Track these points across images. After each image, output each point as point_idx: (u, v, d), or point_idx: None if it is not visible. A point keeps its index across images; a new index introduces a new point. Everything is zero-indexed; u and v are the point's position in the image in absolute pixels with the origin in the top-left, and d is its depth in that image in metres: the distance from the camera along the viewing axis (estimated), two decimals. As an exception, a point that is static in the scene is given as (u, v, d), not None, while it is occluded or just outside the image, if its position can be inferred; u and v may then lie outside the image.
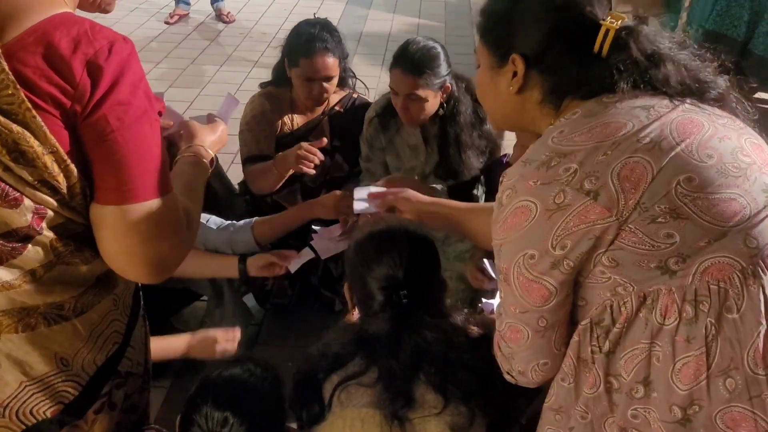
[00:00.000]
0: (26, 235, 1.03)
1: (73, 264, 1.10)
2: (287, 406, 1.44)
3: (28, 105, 0.95)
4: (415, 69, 2.08)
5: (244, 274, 2.05)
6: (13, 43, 0.97)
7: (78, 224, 1.08)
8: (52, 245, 1.06)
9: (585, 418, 1.09)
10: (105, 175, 1.03)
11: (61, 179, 1.01)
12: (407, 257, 1.39)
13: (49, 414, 1.15)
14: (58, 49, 0.97)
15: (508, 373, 1.17)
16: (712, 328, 0.95)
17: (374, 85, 4.24)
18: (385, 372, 1.30)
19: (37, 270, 1.07)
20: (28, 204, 1.01)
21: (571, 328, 1.09)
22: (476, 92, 1.26)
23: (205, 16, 5.98)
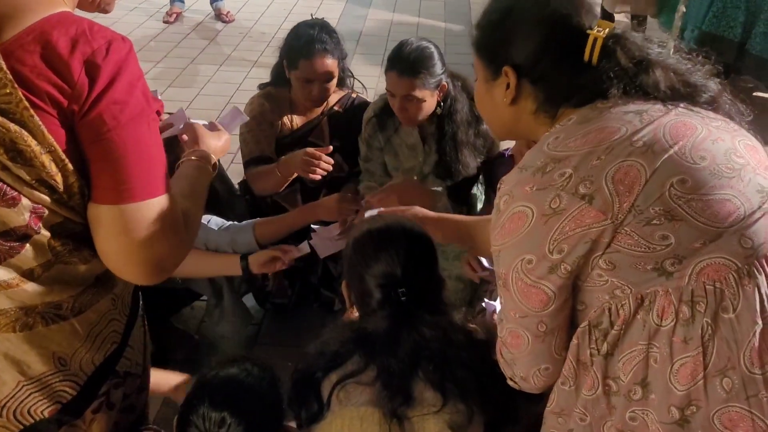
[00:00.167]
0: (24, 234, 1.03)
1: (72, 263, 1.10)
2: (286, 405, 1.44)
3: (25, 104, 0.95)
4: (410, 70, 2.08)
5: (246, 271, 2.05)
6: (12, 42, 0.97)
7: (76, 224, 1.07)
8: (50, 245, 1.06)
9: (584, 420, 1.10)
10: (102, 174, 1.03)
11: (58, 178, 1.01)
12: (405, 254, 1.39)
13: (47, 414, 1.15)
14: (57, 49, 0.97)
15: (511, 379, 1.18)
16: (709, 328, 0.95)
17: (374, 84, 4.24)
18: (384, 370, 1.30)
19: (35, 269, 1.07)
20: (25, 203, 1.01)
21: (571, 332, 1.10)
22: (475, 101, 1.27)
23: (204, 15, 5.97)
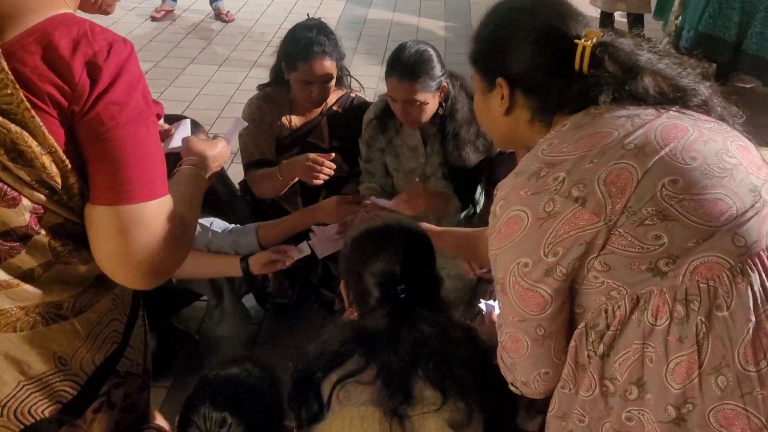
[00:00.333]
0: (24, 234, 1.03)
1: (72, 264, 1.10)
2: (286, 405, 1.44)
3: (27, 105, 0.95)
4: (410, 74, 2.07)
5: (246, 272, 2.05)
6: (13, 42, 0.97)
7: (76, 224, 1.07)
8: (50, 245, 1.06)
9: (582, 422, 1.10)
10: (100, 174, 1.03)
11: (58, 179, 1.01)
12: (404, 252, 1.40)
13: (48, 413, 1.15)
14: (58, 50, 0.97)
15: (512, 384, 1.19)
16: (703, 326, 0.95)
17: (374, 84, 4.24)
18: (384, 368, 1.30)
19: (35, 269, 1.07)
20: (26, 203, 1.01)
21: (569, 336, 1.11)
22: (475, 112, 1.30)
23: (204, 15, 5.97)
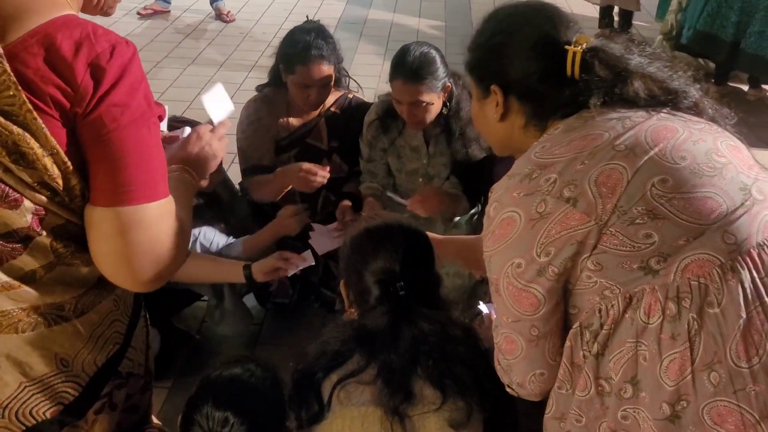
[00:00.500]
0: (26, 235, 1.03)
1: (74, 265, 1.10)
2: (287, 405, 1.44)
3: (29, 107, 0.95)
4: (416, 77, 2.08)
5: (249, 279, 2.05)
6: (16, 44, 0.97)
7: (77, 226, 1.07)
8: (52, 246, 1.06)
9: (580, 422, 1.11)
10: (100, 175, 1.02)
11: (60, 181, 1.01)
12: (403, 251, 1.41)
13: (49, 415, 1.15)
14: (60, 51, 0.97)
15: (509, 386, 1.21)
16: (695, 323, 0.96)
17: (374, 84, 4.24)
18: (385, 367, 1.30)
19: (37, 271, 1.07)
20: (28, 205, 1.01)
21: (565, 337, 1.11)
22: (473, 119, 1.34)
23: (204, 15, 5.97)
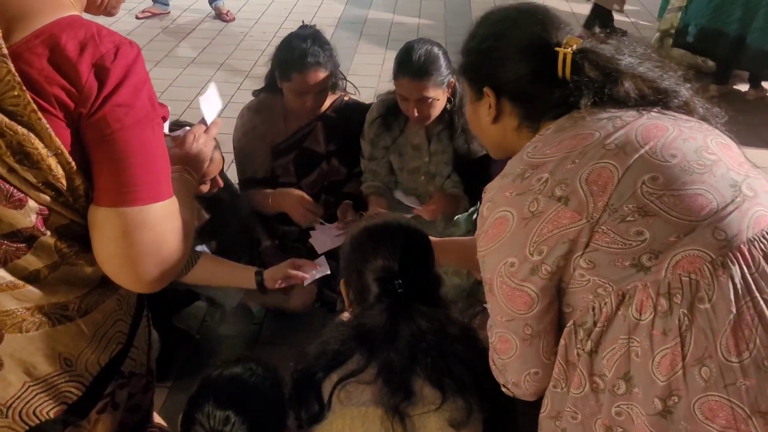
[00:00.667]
0: (31, 235, 1.03)
1: (78, 265, 1.10)
2: (287, 405, 1.45)
3: (33, 107, 0.95)
4: (422, 73, 2.10)
5: (261, 286, 2.03)
6: (20, 44, 0.97)
7: (81, 226, 1.07)
8: (56, 246, 1.06)
9: (575, 419, 1.12)
10: (104, 176, 1.03)
11: (64, 181, 1.01)
12: (402, 249, 1.42)
13: (53, 414, 1.15)
14: (65, 52, 0.98)
15: (504, 386, 1.22)
16: (686, 318, 0.97)
17: (374, 84, 4.25)
18: (385, 366, 1.31)
19: (41, 270, 1.07)
20: (32, 205, 1.01)
21: (559, 336, 1.12)
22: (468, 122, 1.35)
23: (204, 15, 5.96)
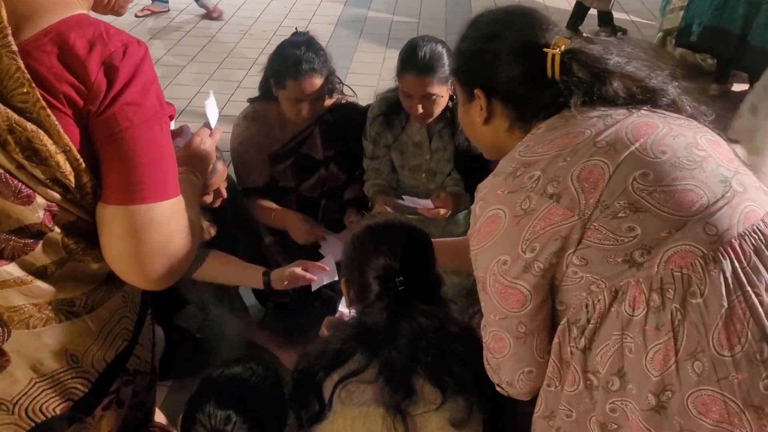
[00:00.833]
0: (38, 231, 1.04)
1: (85, 262, 1.10)
2: (287, 404, 1.45)
3: (42, 104, 0.96)
4: (428, 69, 2.10)
5: (268, 286, 2.03)
6: (29, 42, 0.97)
7: (89, 223, 1.08)
8: (63, 242, 1.06)
9: (570, 417, 1.12)
10: (113, 174, 1.03)
11: (72, 178, 1.02)
12: (403, 248, 1.43)
13: (59, 411, 1.16)
14: (74, 50, 0.98)
15: (499, 386, 1.22)
16: (678, 313, 0.98)
17: (374, 82, 4.26)
18: (386, 364, 1.31)
19: (48, 266, 1.07)
20: (40, 201, 1.01)
21: (552, 335, 1.13)
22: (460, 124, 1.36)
23: (204, 12, 5.96)
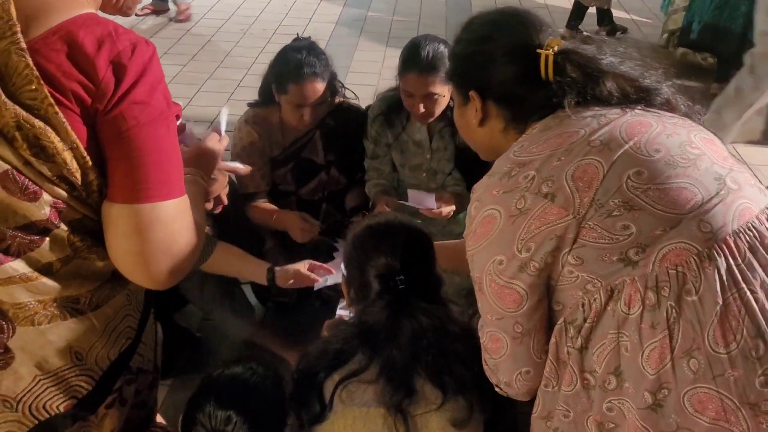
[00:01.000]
0: (44, 228, 1.04)
1: (90, 259, 1.10)
2: (288, 405, 1.45)
3: (50, 101, 0.96)
4: (430, 68, 2.11)
5: (272, 283, 2.02)
6: (38, 40, 0.98)
7: (94, 221, 1.08)
8: (69, 240, 1.07)
9: (567, 417, 1.12)
10: (119, 172, 1.03)
11: (78, 176, 1.02)
12: (403, 247, 1.43)
13: (62, 408, 1.16)
14: (83, 48, 0.99)
15: (497, 386, 1.22)
16: (673, 311, 0.98)
17: (374, 81, 4.26)
18: (387, 364, 1.31)
19: (54, 263, 1.07)
20: (46, 198, 1.02)
21: (549, 335, 1.13)
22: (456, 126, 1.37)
23: (204, 11, 5.95)
